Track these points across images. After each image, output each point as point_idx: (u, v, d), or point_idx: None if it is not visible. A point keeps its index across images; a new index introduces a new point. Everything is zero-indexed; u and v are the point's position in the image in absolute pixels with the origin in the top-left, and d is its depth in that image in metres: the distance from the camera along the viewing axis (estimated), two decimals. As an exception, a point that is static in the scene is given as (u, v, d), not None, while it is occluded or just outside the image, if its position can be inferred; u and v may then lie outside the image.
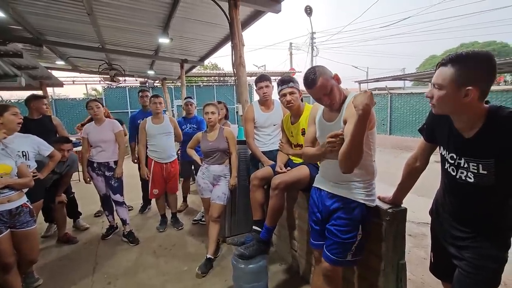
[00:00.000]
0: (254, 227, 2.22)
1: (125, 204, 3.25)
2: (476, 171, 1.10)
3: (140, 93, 4.09)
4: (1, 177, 1.89)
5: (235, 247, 2.14)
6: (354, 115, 1.24)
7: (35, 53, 6.77)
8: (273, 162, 2.37)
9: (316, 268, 1.85)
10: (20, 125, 2.31)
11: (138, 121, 3.69)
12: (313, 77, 1.41)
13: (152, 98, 3.27)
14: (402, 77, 14.04)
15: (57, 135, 3.28)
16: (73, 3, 4.02)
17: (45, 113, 3.23)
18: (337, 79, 1.45)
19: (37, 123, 3.10)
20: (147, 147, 3.36)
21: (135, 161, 3.83)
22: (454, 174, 1.19)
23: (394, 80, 14.30)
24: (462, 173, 1.16)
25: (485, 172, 1.08)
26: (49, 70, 7.55)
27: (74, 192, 3.54)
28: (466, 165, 1.13)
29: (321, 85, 1.41)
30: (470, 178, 1.13)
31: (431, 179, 1.49)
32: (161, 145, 3.29)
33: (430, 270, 1.51)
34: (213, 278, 2.45)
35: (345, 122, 1.39)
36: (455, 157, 1.18)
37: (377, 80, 14.20)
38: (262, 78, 2.59)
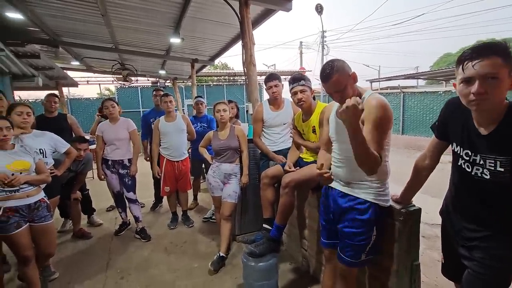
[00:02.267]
0: (264, 225, 2.22)
1: (138, 202, 3.31)
2: (493, 168, 1.08)
3: (154, 92, 4.16)
4: (21, 173, 1.96)
5: (245, 245, 2.15)
6: (369, 117, 1.29)
7: (51, 54, 6.98)
8: (283, 158, 2.36)
9: (327, 268, 1.84)
10: (26, 124, 2.35)
11: (151, 120, 3.75)
12: (328, 72, 1.38)
13: (162, 98, 3.32)
14: (416, 76, 13.74)
15: (73, 134, 3.37)
16: (88, 5, 4.12)
17: (50, 110, 3.26)
18: (354, 77, 1.41)
19: (51, 121, 3.19)
20: (160, 145, 3.41)
21: (147, 159, 3.90)
22: (469, 170, 1.16)
23: (407, 78, 14.02)
24: (478, 169, 1.13)
25: (502, 170, 1.05)
26: (65, 71, 7.78)
27: (88, 189, 3.63)
28: (482, 162, 1.11)
29: (335, 81, 1.37)
30: (486, 174, 1.10)
31: (445, 179, 1.45)
32: (174, 143, 3.33)
33: (441, 271, 1.48)
34: (223, 275, 2.47)
35: (362, 122, 1.37)
36: (470, 153, 1.15)
37: (389, 78, 13.96)
38: (271, 77, 2.58)
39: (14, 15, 3.98)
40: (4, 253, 2.35)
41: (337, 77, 1.37)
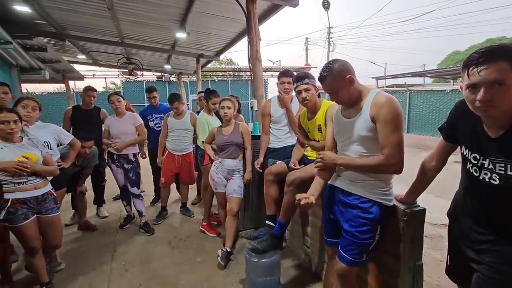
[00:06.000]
0: (267, 221, 2.23)
1: (141, 197, 3.35)
2: (503, 172, 1.05)
3: (147, 93, 3.96)
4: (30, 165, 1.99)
5: (248, 241, 2.17)
6: (381, 118, 1.32)
7: (58, 47, 7.01)
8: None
9: (329, 266, 1.85)
10: (29, 118, 2.34)
11: (148, 117, 3.84)
12: (324, 74, 1.43)
13: (171, 105, 3.32)
14: (422, 74, 13.56)
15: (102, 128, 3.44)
16: (95, -1, 4.12)
17: (89, 105, 3.42)
18: (350, 81, 1.40)
19: (87, 113, 3.36)
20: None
21: (143, 156, 3.87)
22: (477, 175, 1.14)
23: (414, 76, 13.82)
24: (486, 174, 1.11)
25: None
26: (71, 64, 7.82)
27: (106, 180, 3.72)
28: (491, 166, 1.08)
29: (328, 84, 1.43)
30: (494, 180, 1.08)
31: (448, 179, 1.44)
32: (178, 138, 3.41)
33: (446, 273, 1.47)
34: (226, 270, 2.49)
35: (373, 119, 1.36)
36: (478, 157, 1.13)
37: (396, 76, 13.80)
38: (287, 74, 2.56)
39: (22, 8, 3.99)
40: (12, 243, 2.39)
41: (330, 81, 1.42)
